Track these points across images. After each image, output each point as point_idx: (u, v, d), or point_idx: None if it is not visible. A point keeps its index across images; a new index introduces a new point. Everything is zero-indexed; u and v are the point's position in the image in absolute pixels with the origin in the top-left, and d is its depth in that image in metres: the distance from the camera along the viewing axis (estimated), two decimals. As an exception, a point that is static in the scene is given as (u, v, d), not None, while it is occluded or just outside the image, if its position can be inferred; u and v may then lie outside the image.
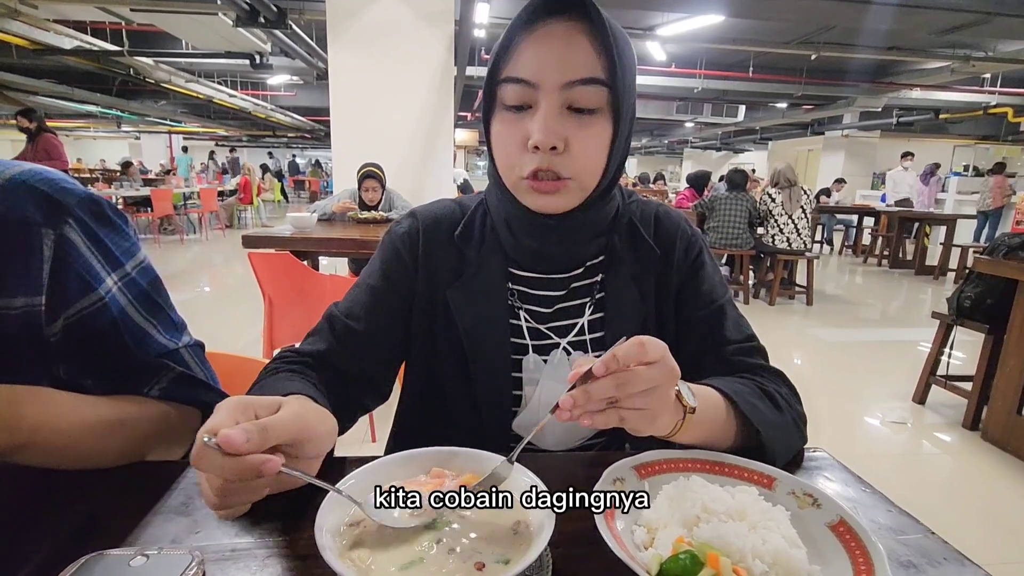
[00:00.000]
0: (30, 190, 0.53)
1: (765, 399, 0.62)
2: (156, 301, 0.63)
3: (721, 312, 0.71)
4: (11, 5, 5.28)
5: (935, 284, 6.62)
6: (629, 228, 0.73)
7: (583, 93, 0.58)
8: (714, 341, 0.70)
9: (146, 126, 15.29)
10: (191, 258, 7.38)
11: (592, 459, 0.59)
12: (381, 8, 3.63)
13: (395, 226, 0.74)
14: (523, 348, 0.70)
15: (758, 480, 0.51)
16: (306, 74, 8.44)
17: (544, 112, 0.58)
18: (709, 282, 0.73)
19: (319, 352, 0.67)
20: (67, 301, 0.54)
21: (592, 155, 0.61)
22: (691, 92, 9.14)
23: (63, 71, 8.55)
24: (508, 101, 0.60)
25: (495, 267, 0.70)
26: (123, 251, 0.60)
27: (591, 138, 0.60)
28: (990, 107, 9.28)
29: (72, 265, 0.54)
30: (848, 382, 3.39)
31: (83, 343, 0.55)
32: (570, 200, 0.63)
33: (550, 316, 0.71)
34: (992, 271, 2.51)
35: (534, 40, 0.58)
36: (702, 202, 5.22)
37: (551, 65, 0.57)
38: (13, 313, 0.51)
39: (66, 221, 0.54)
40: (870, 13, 4.49)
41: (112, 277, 0.57)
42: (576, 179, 0.61)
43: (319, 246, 2.65)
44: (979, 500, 2.14)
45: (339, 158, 3.81)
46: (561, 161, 0.59)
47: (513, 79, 0.59)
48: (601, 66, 0.58)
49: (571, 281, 0.71)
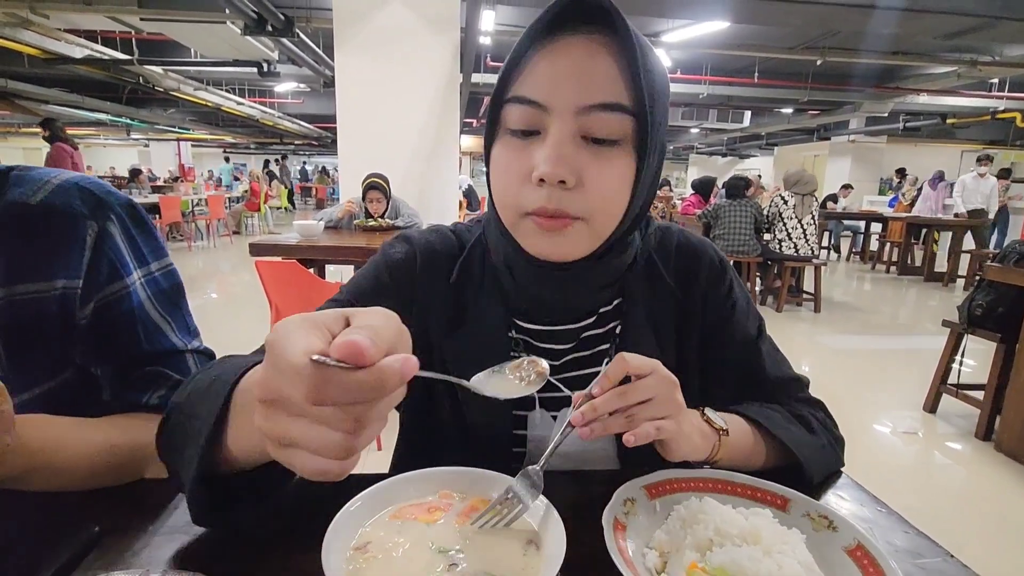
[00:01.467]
0: (80, 189, 0.61)
1: (796, 423, 0.61)
2: (174, 303, 0.68)
3: (756, 352, 0.66)
4: (23, 15, 5.35)
5: (944, 291, 6.56)
6: (648, 265, 0.65)
7: (602, 121, 0.49)
8: (752, 383, 0.66)
9: (155, 134, 15.43)
10: (199, 265, 7.42)
11: (606, 477, 0.58)
12: (387, 15, 3.65)
13: (389, 248, 0.66)
14: (528, 402, 0.63)
15: (772, 501, 0.50)
16: (313, 81, 8.49)
17: (554, 139, 0.49)
18: (741, 322, 0.66)
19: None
20: (99, 286, 0.59)
21: (609, 194, 0.51)
22: (696, 98, 9.13)
23: (74, 80, 8.64)
24: (513, 124, 0.52)
25: (496, 316, 0.62)
26: (151, 251, 0.66)
27: (609, 174, 0.50)
28: (998, 112, 9.22)
29: (107, 254, 0.60)
30: (857, 390, 3.36)
31: (102, 328, 0.60)
32: (579, 246, 0.54)
33: (560, 368, 0.63)
34: (1003, 279, 2.48)
35: (548, 55, 0.50)
36: (706, 212, 5.22)
37: (566, 85, 0.49)
38: (53, 295, 0.57)
39: (108, 217, 0.61)
40: (875, 18, 4.48)
41: (138, 272, 0.63)
42: (589, 221, 0.52)
43: (326, 254, 2.66)
44: (994, 514, 2.11)
45: (345, 165, 3.82)
46: (571, 199, 0.50)
47: (520, 99, 0.51)
48: (626, 90, 0.49)
49: (582, 332, 0.64)
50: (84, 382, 0.62)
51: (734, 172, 6.16)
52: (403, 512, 0.45)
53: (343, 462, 0.30)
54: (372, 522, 0.44)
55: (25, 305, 0.56)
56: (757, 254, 4.96)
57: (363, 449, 0.31)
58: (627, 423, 0.49)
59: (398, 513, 0.45)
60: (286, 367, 0.28)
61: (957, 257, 6.75)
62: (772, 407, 0.64)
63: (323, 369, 0.28)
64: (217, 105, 10.07)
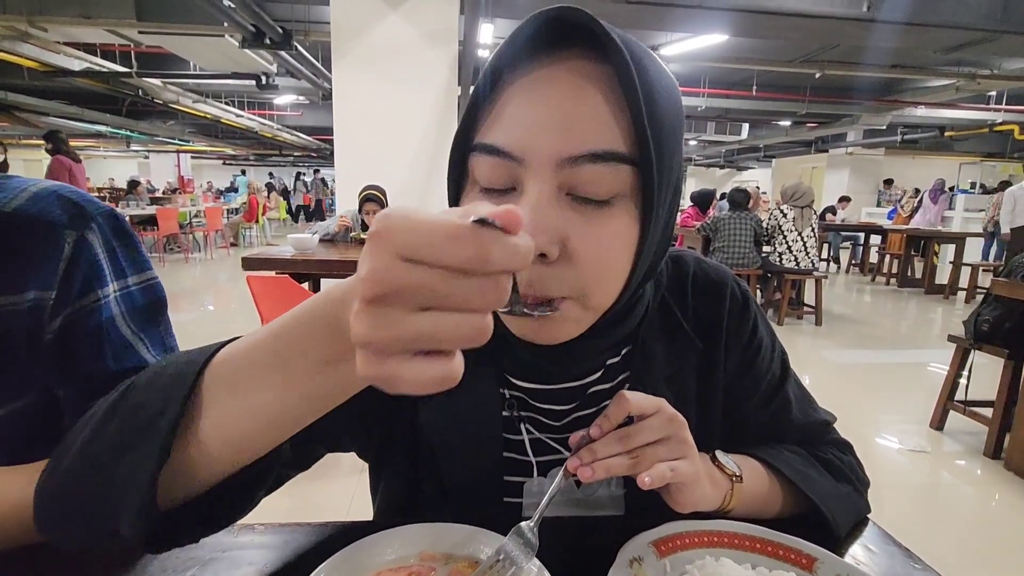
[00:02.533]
0: (59, 198, 0.57)
1: (817, 466, 0.56)
2: (151, 319, 0.63)
3: (784, 398, 0.59)
4: (22, 28, 5.36)
5: (946, 304, 6.52)
6: (662, 310, 0.55)
7: (591, 174, 0.38)
8: (777, 431, 0.60)
9: (155, 145, 15.49)
10: (196, 276, 7.37)
11: (610, 526, 0.52)
12: (385, 29, 3.64)
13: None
14: (525, 466, 0.53)
15: (795, 560, 0.45)
16: (312, 94, 8.51)
17: (530, 202, 0.38)
18: (766, 366, 0.58)
19: None
20: (70, 298, 0.55)
21: (604, 264, 0.40)
22: (695, 110, 9.16)
23: (73, 92, 8.66)
24: (482, 180, 0.41)
25: (485, 379, 0.52)
26: (131, 263, 0.61)
27: (601, 239, 0.39)
28: (996, 124, 9.26)
29: (83, 265, 0.56)
30: (862, 406, 3.30)
31: (67, 343, 0.56)
32: (569, 328, 0.43)
33: (561, 428, 0.54)
34: (1010, 294, 2.43)
35: (522, 91, 0.39)
36: (706, 225, 5.20)
37: (545, 130, 0.38)
38: (24, 307, 0.53)
39: (88, 226, 0.57)
40: (873, 32, 4.48)
41: (114, 284, 0.59)
42: (580, 299, 0.41)
43: (320, 268, 2.61)
44: (1006, 536, 2.04)
45: (342, 177, 3.80)
46: (555, 275, 0.39)
47: (488, 148, 0.40)
48: (621, 133, 0.38)
49: (587, 388, 0.54)
50: (47, 406, 0.57)
51: (733, 184, 6.13)
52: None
53: (457, 364, 0.26)
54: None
55: None
56: (757, 266, 4.93)
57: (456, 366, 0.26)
58: (633, 464, 0.44)
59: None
60: (441, 233, 0.23)
61: (958, 270, 6.72)
62: (791, 448, 0.59)
63: (488, 231, 0.23)
64: (216, 117, 10.10)
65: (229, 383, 0.34)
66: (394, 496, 0.56)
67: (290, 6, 5.00)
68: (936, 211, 9.25)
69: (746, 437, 0.58)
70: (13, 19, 5.17)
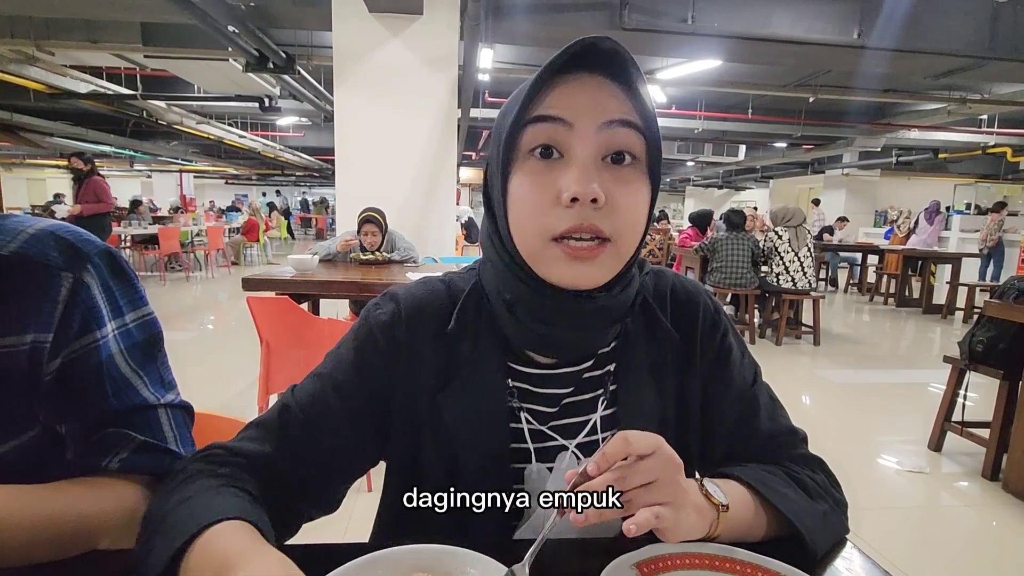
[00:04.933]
0: (56, 239, 0.58)
1: (794, 486, 0.58)
2: (149, 355, 0.63)
3: (754, 403, 0.64)
4: (29, 52, 5.47)
5: (943, 323, 6.54)
6: (644, 309, 0.63)
7: (622, 136, 0.51)
8: (747, 433, 0.64)
9: (158, 165, 15.61)
10: (196, 295, 7.39)
11: (597, 548, 0.54)
12: (386, 54, 3.73)
13: (374, 309, 0.62)
14: (524, 454, 0.60)
15: (773, 583, 0.46)
16: (314, 115, 8.65)
17: (581, 160, 0.50)
18: (738, 372, 0.65)
19: (260, 454, 0.56)
20: (68, 339, 0.56)
21: (633, 214, 0.52)
22: (692, 132, 9.29)
23: (78, 113, 8.79)
24: (537, 141, 0.52)
25: (493, 365, 0.60)
26: (128, 302, 0.62)
27: (632, 194, 0.52)
28: (988, 147, 9.37)
29: (81, 306, 0.57)
30: (860, 426, 3.30)
31: (68, 383, 0.56)
32: (606, 271, 0.53)
33: (555, 415, 0.61)
34: (1003, 315, 2.46)
35: (563, 88, 0.52)
36: (703, 245, 5.25)
37: (586, 105, 0.51)
38: (23, 349, 0.54)
39: (85, 267, 0.58)
40: (864, 57, 4.58)
41: (112, 323, 0.60)
42: (616, 242, 0.52)
43: (320, 288, 2.63)
44: (1004, 558, 2.03)
45: (343, 198, 3.84)
46: (602, 217, 0.51)
47: (544, 117, 0.51)
48: (636, 113, 0.52)
49: (582, 374, 0.62)
50: (50, 441, 0.58)
51: (731, 204, 6.19)
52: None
53: None
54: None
55: None
56: (755, 287, 4.96)
57: None
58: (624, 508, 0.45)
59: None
60: None
61: (955, 290, 6.75)
62: (768, 469, 0.60)
63: None
64: (219, 138, 10.22)
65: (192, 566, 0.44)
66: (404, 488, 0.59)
67: (293, 31, 5.10)
68: (932, 232, 9.32)
69: (720, 435, 0.63)
70: (21, 43, 5.28)
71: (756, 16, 4.24)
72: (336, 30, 3.70)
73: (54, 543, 0.52)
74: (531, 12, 4.08)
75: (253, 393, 2.61)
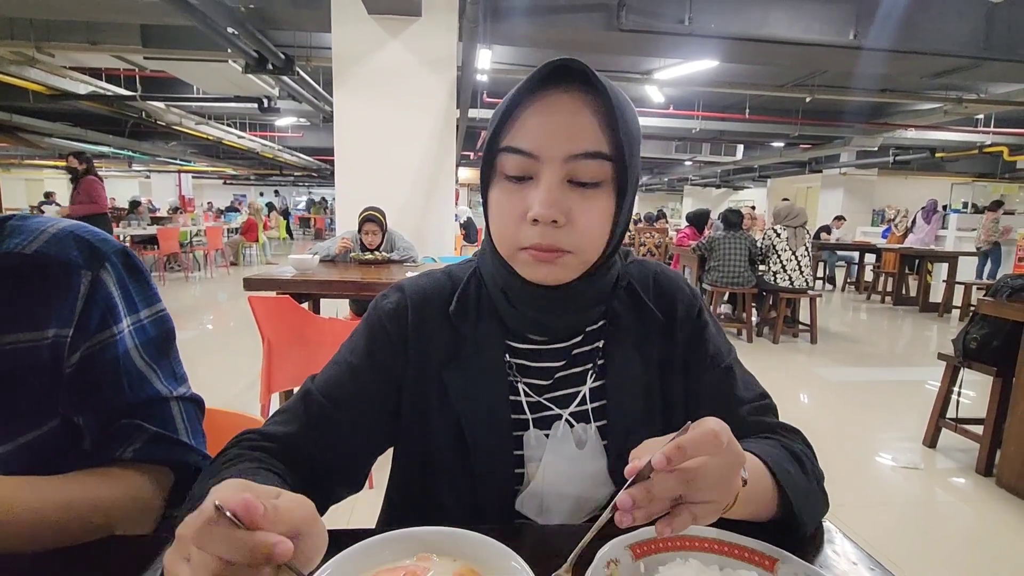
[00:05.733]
0: (76, 239, 0.61)
1: (795, 463, 0.59)
2: (162, 350, 0.67)
3: (730, 372, 0.69)
4: (29, 54, 5.48)
5: (940, 321, 6.58)
6: (629, 292, 0.70)
7: (586, 167, 0.56)
8: (726, 403, 0.67)
9: (157, 165, 15.61)
10: (196, 295, 7.41)
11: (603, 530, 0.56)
12: (385, 56, 3.75)
13: (382, 300, 0.69)
14: (523, 423, 0.66)
15: (759, 562, 0.49)
16: (313, 116, 8.65)
17: (545, 185, 0.56)
18: (714, 343, 0.70)
19: (288, 436, 0.61)
20: (88, 334, 0.59)
21: (594, 229, 0.58)
22: (689, 132, 9.30)
23: (77, 114, 8.79)
24: (508, 171, 0.58)
25: (493, 343, 0.66)
26: (143, 298, 0.66)
27: (593, 211, 0.57)
28: (985, 146, 9.41)
29: (99, 303, 0.60)
30: (856, 423, 3.33)
31: (86, 376, 0.59)
32: (569, 273, 0.60)
33: (549, 387, 0.67)
34: (996, 313, 2.48)
35: (537, 110, 0.56)
36: (701, 244, 5.28)
37: (554, 137, 0.56)
38: (44, 344, 0.57)
39: (103, 265, 0.62)
40: (860, 58, 4.60)
41: (128, 319, 0.63)
42: (577, 253, 0.58)
43: (320, 288, 2.65)
44: (996, 552, 2.06)
45: (342, 198, 3.86)
46: (562, 234, 0.57)
47: (515, 150, 0.57)
48: (606, 140, 0.56)
49: (572, 349, 0.68)
50: (69, 432, 0.61)
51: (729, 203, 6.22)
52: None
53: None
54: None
55: (15, 354, 0.56)
56: (752, 285, 4.99)
57: None
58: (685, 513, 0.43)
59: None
60: (192, 516, 0.34)
61: (951, 288, 6.78)
62: (768, 442, 0.62)
63: (215, 516, 0.33)
64: (218, 139, 10.22)
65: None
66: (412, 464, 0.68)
67: (292, 33, 5.12)
68: (929, 230, 9.37)
69: (702, 399, 0.68)
70: (21, 45, 5.29)
71: (752, 17, 4.27)
72: (335, 32, 3.72)
73: (73, 529, 0.54)
74: (529, 14, 4.11)
75: (253, 393, 2.63)
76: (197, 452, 0.67)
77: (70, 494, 0.56)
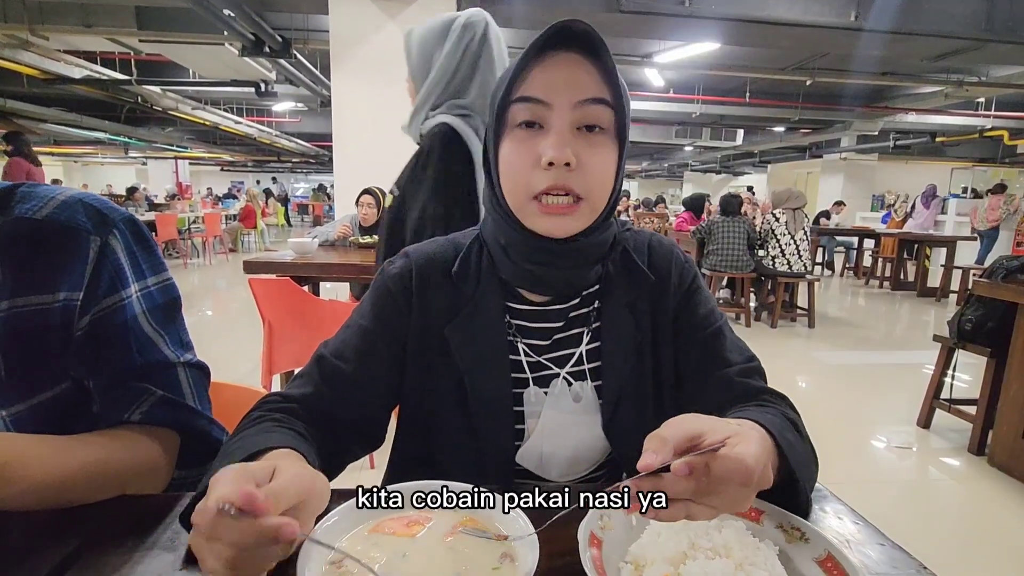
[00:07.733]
0: (85, 206, 0.63)
1: (793, 430, 0.57)
2: (169, 317, 0.69)
3: (720, 334, 0.71)
4: (23, 37, 5.41)
5: (937, 306, 6.61)
6: (623, 256, 0.73)
7: (593, 111, 0.60)
8: (715, 364, 0.69)
9: (153, 152, 15.50)
10: (195, 282, 7.41)
11: (589, 488, 0.58)
12: (383, 39, 3.72)
13: (388, 266, 0.72)
14: (523, 381, 0.70)
15: (745, 513, 0.51)
16: (310, 101, 8.59)
17: (557, 130, 0.60)
18: (705, 306, 0.73)
19: (306, 396, 0.64)
20: (97, 298, 0.61)
21: (603, 173, 0.62)
22: (689, 117, 9.25)
23: (72, 99, 8.71)
24: (520, 118, 0.62)
25: (493, 302, 0.70)
26: (150, 266, 0.68)
27: (602, 156, 0.62)
28: (986, 130, 9.37)
29: (108, 267, 0.62)
30: (852, 405, 3.36)
31: (96, 339, 0.61)
32: (579, 222, 0.64)
33: (548, 348, 0.70)
34: (991, 294, 2.50)
35: (544, 67, 0.61)
36: (700, 228, 5.29)
37: (563, 85, 0.60)
38: (55, 307, 0.59)
39: (111, 232, 0.63)
40: (861, 40, 4.57)
41: (135, 285, 0.65)
42: (587, 198, 0.62)
43: (320, 271, 2.66)
44: (988, 528, 2.10)
45: (341, 183, 3.86)
46: (574, 178, 0.60)
47: (527, 98, 0.61)
48: (607, 90, 0.61)
49: (569, 311, 0.71)
50: (79, 395, 0.63)
51: (728, 189, 6.21)
52: (381, 526, 0.46)
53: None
54: (349, 536, 0.44)
55: (27, 317, 0.58)
56: (751, 270, 5.00)
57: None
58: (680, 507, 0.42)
59: (376, 527, 0.46)
60: (202, 508, 0.38)
61: (949, 273, 6.80)
62: (769, 410, 0.60)
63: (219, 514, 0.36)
64: (215, 124, 10.15)
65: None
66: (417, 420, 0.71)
67: (289, 15, 5.07)
68: (928, 216, 9.36)
69: (693, 363, 0.71)
70: (14, 27, 5.22)
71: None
72: (333, 13, 3.69)
73: (85, 488, 0.56)
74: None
75: (254, 379, 2.66)
76: (203, 416, 0.69)
77: (83, 454, 0.57)
